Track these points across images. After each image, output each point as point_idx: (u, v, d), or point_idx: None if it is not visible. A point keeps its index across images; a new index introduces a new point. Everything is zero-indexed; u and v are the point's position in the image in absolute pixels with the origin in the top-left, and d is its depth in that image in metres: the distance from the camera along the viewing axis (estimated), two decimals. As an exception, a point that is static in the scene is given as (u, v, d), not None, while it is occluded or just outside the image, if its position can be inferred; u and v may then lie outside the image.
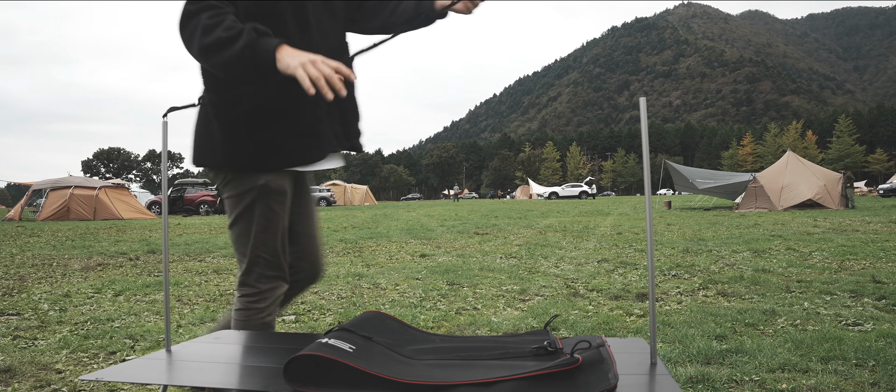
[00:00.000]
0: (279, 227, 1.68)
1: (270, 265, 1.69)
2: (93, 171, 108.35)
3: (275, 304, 1.73)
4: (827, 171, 19.67)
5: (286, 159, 1.62)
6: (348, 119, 1.73)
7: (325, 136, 1.65)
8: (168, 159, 7.05)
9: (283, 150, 1.61)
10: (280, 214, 1.68)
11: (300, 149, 1.62)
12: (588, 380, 0.96)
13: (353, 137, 1.76)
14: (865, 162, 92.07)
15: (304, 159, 1.64)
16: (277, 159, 1.61)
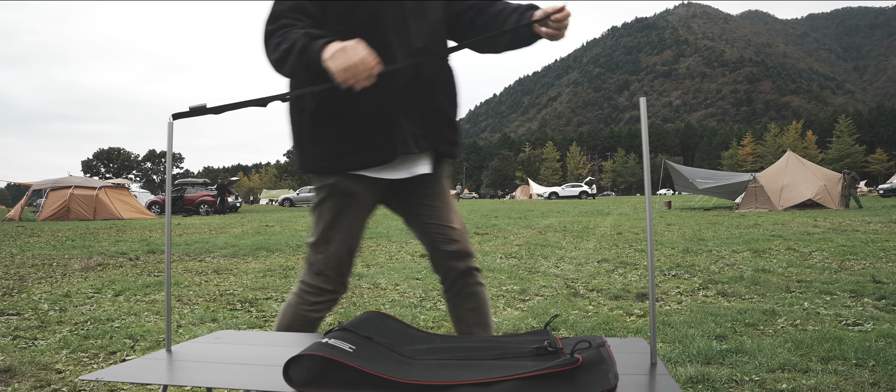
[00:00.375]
0: (344, 231, 1.66)
1: (328, 265, 1.67)
2: (93, 171, 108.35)
3: (325, 303, 1.71)
4: (827, 171, 19.69)
5: (351, 162, 1.59)
6: (430, 120, 1.63)
7: (397, 138, 1.58)
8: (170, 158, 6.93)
9: (347, 152, 1.58)
10: (348, 217, 1.65)
11: (366, 151, 1.57)
12: (588, 380, 0.96)
13: (437, 140, 1.67)
14: (865, 162, 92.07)
15: (370, 161, 1.59)
16: (342, 161, 1.59)
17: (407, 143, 1.59)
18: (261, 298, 4.40)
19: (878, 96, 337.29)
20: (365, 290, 4.73)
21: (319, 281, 1.69)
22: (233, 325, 3.58)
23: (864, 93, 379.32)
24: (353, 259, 1.73)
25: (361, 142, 1.57)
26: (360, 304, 4.14)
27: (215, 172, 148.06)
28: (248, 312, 3.93)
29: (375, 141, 1.57)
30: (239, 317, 3.78)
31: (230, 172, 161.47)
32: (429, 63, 1.60)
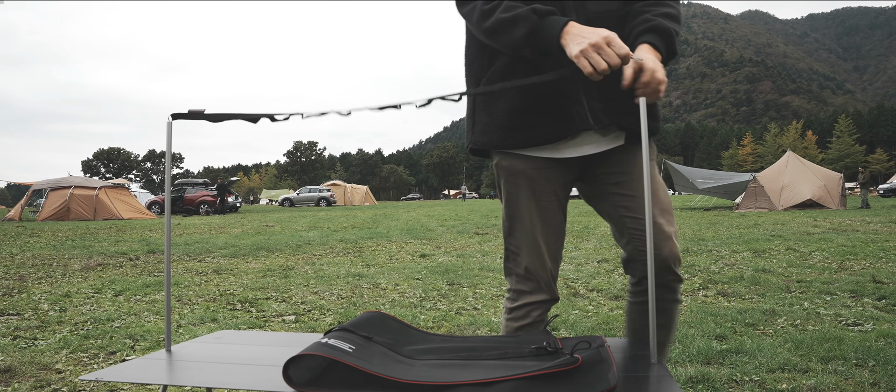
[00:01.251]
0: (523, 218, 1.48)
1: (517, 262, 1.51)
2: (93, 171, 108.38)
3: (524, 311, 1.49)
4: (827, 170, 19.69)
5: (517, 138, 1.43)
6: (613, 92, 1.35)
7: (573, 114, 1.39)
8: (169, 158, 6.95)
9: (512, 126, 1.43)
10: (525, 204, 1.47)
11: (532, 127, 1.41)
12: (588, 380, 0.96)
13: (622, 114, 1.41)
14: (865, 162, 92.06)
15: (537, 139, 1.42)
16: (507, 137, 1.44)
17: (584, 118, 1.39)
18: (261, 298, 4.40)
19: (878, 96, 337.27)
20: (365, 290, 4.72)
21: (513, 282, 1.53)
22: (233, 325, 3.58)
23: (864, 93, 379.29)
24: (549, 254, 1.49)
25: (529, 116, 1.42)
26: (360, 304, 4.14)
27: (215, 172, 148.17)
28: (248, 312, 3.93)
29: (545, 116, 1.41)
30: (239, 317, 3.78)
31: (230, 172, 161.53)
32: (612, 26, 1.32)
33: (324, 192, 38.66)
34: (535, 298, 1.48)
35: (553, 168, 1.47)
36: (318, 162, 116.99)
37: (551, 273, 1.50)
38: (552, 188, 1.48)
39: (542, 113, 1.41)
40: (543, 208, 1.48)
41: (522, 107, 1.42)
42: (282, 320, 3.72)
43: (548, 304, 1.50)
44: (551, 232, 1.49)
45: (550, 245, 1.49)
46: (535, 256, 1.48)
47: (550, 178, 1.47)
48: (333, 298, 4.38)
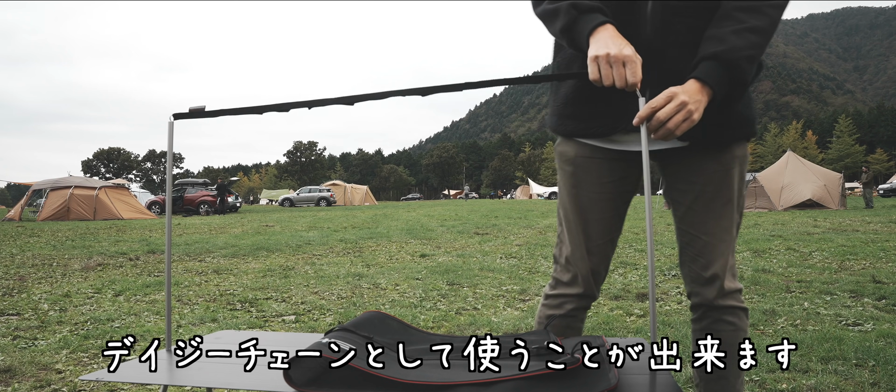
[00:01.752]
0: (569, 209, 1.44)
1: (561, 250, 1.48)
2: (93, 171, 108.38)
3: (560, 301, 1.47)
4: (827, 171, 19.68)
5: (572, 126, 1.41)
6: None
7: (626, 109, 1.30)
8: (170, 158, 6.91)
9: (570, 114, 1.40)
10: (570, 192, 1.44)
11: (585, 117, 1.37)
12: (588, 380, 0.96)
13: None
14: (865, 162, 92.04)
15: (587, 130, 1.38)
16: (564, 124, 1.41)
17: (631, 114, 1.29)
18: (261, 298, 4.40)
19: (878, 96, 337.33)
20: (365, 290, 4.72)
21: (555, 270, 1.49)
22: (233, 325, 3.58)
23: (864, 93, 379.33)
24: (589, 247, 1.43)
25: (582, 106, 1.38)
26: (360, 304, 4.14)
27: (215, 172, 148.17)
28: (248, 312, 3.93)
29: (597, 107, 1.35)
30: (239, 317, 3.78)
31: (230, 172, 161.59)
32: (681, 20, 1.27)
33: (324, 192, 38.65)
34: (571, 291, 1.45)
35: (603, 158, 1.41)
36: (318, 162, 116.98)
37: (591, 268, 1.44)
38: (599, 179, 1.42)
39: (594, 104, 1.37)
40: (588, 198, 1.43)
41: (578, 96, 1.39)
42: (282, 320, 3.72)
43: (583, 298, 1.45)
44: (594, 224, 1.43)
45: (592, 238, 1.43)
46: (575, 247, 1.44)
47: (600, 168, 1.41)
48: (333, 298, 4.38)
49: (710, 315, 1.42)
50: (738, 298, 1.42)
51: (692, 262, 1.41)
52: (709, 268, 1.38)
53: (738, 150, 1.39)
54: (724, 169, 1.37)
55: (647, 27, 1.29)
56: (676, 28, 1.28)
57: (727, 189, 1.38)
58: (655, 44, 1.29)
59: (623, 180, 1.44)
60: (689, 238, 1.41)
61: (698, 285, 1.41)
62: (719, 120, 1.32)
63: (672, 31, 1.28)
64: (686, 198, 1.41)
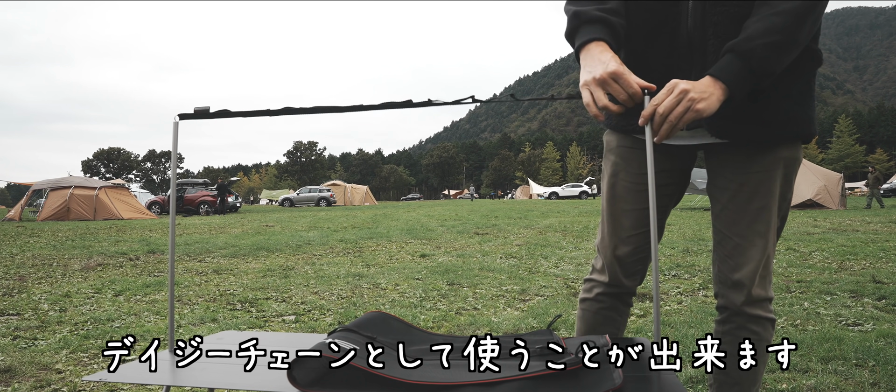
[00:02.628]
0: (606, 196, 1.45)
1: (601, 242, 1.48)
2: (93, 171, 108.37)
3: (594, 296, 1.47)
4: (827, 171, 19.69)
5: (616, 118, 1.39)
6: None
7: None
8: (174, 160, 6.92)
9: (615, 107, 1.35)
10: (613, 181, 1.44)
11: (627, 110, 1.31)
12: (592, 379, 0.96)
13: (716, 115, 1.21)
14: (865, 162, 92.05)
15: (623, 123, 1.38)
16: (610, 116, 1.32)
17: None
18: (261, 298, 4.40)
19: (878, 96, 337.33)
20: (365, 290, 4.72)
21: (594, 260, 1.50)
22: (233, 325, 3.58)
23: (864, 93, 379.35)
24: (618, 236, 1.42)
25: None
26: (361, 305, 4.14)
27: (215, 172, 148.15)
28: (248, 312, 3.93)
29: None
30: (239, 317, 3.78)
31: (230, 172, 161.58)
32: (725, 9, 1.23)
33: (324, 192, 38.66)
34: (600, 278, 1.46)
35: (640, 149, 1.39)
36: (318, 162, 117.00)
37: (617, 257, 1.42)
38: (638, 169, 1.40)
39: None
40: (623, 187, 1.42)
41: None
42: (282, 320, 3.72)
43: (610, 287, 1.44)
44: (627, 214, 1.41)
45: (624, 227, 1.41)
46: (605, 234, 1.44)
47: (639, 158, 1.40)
48: (333, 298, 4.38)
49: (734, 320, 1.37)
50: (767, 308, 1.37)
51: (722, 262, 1.38)
52: (737, 271, 1.34)
53: (785, 152, 1.32)
54: (764, 171, 1.32)
55: (689, 22, 1.25)
56: (715, 19, 1.23)
57: (766, 193, 1.32)
58: (696, 40, 1.25)
59: (662, 173, 1.42)
60: (722, 237, 1.38)
61: (725, 287, 1.37)
62: (764, 117, 1.26)
63: (711, 22, 1.24)
64: (723, 195, 1.37)
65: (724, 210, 1.37)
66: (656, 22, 1.27)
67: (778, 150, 1.31)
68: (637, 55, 1.32)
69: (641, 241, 1.43)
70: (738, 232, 1.34)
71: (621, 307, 1.48)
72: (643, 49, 1.31)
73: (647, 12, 1.29)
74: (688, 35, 1.26)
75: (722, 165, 1.37)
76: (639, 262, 1.45)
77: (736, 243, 1.34)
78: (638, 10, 1.30)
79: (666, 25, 1.27)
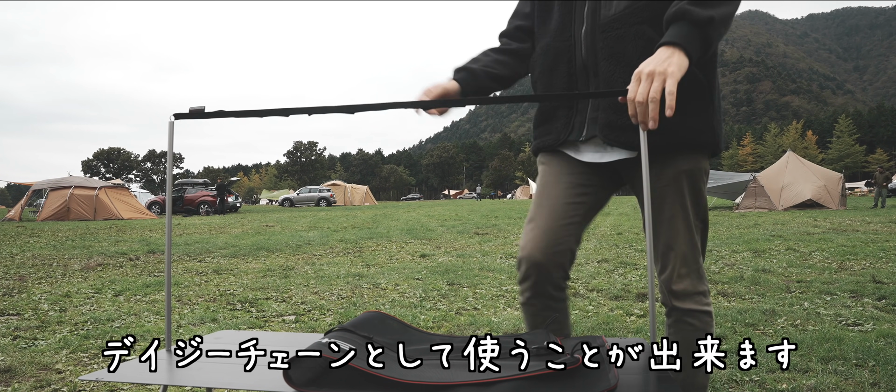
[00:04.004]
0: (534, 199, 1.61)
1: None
2: (93, 171, 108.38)
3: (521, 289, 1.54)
4: (827, 170, 19.68)
5: (535, 145, 1.63)
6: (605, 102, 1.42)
7: (571, 124, 1.49)
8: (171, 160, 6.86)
9: (536, 136, 1.62)
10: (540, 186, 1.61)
11: (542, 135, 1.59)
12: (588, 380, 0.96)
13: (603, 126, 1.42)
14: (865, 162, 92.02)
15: (544, 146, 1.58)
16: (533, 144, 1.64)
17: (578, 129, 1.48)
18: (261, 298, 4.40)
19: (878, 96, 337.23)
20: (365, 290, 4.72)
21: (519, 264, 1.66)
22: (233, 325, 3.58)
23: (864, 93, 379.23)
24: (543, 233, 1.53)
25: (543, 125, 1.59)
26: (360, 304, 4.14)
27: (215, 172, 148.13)
28: (248, 312, 3.93)
29: (551, 125, 1.56)
30: (239, 317, 3.78)
31: (230, 172, 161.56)
32: (610, 34, 1.40)
33: (324, 192, 38.65)
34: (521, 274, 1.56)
35: (563, 159, 1.56)
36: (318, 162, 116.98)
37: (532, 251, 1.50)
38: (559, 169, 1.56)
39: (549, 122, 1.56)
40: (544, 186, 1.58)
41: (539, 117, 1.61)
42: (282, 320, 3.72)
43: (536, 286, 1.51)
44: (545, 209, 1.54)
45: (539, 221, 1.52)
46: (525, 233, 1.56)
47: (560, 163, 1.56)
48: (333, 298, 4.38)
49: (673, 314, 1.48)
50: (700, 301, 1.46)
51: (655, 263, 1.49)
52: (663, 272, 1.46)
53: (686, 165, 1.42)
54: (671, 183, 1.42)
55: (582, 51, 1.45)
56: (602, 45, 1.41)
57: (673, 202, 1.43)
58: (590, 64, 1.45)
59: (583, 186, 1.54)
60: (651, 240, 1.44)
61: (661, 286, 1.49)
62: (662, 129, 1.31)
63: (600, 48, 1.42)
64: (642, 205, 1.46)
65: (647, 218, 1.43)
66: (554, 56, 1.50)
67: (678, 162, 1.42)
68: (545, 86, 1.53)
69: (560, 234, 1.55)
70: (657, 238, 1.46)
71: (553, 305, 1.55)
72: (549, 80, 1.52)
73: (546, 52, 1.53)
74: (583, 62, 1.45)
75: (635, 180, 1.50)
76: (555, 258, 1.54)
77: (658, 249, 1.46)
78: (540, 52, 1.55)
79: (562, 58, 1.48)
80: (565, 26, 1.49)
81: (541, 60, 1.56)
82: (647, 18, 1.37)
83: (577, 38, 1.47)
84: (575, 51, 1.47)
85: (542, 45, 1.55)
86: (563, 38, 1.49)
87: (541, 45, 1.56)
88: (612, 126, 1.41)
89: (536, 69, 1.58)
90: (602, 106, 1.43)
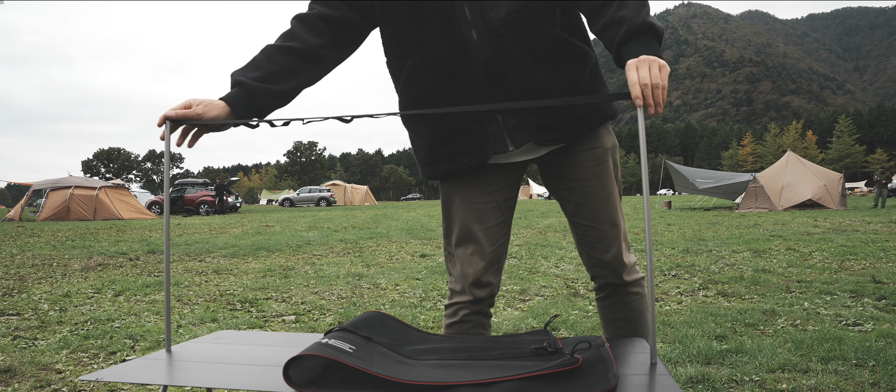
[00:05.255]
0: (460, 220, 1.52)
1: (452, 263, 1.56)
2: (93, 171, 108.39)
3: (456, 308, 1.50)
4: (827, 170, 19.68)
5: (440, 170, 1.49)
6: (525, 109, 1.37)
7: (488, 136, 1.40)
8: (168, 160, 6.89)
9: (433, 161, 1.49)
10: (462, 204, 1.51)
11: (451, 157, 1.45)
12: (588, 380, 0.96)
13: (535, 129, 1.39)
14: (865, 162, 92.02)
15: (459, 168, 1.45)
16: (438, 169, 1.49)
17: (500, 139, 1.40)
18: (261, 298, 4.40)
19: (878, 96, 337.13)
20: (365, 290, 4.72)
21: (450, 282, 1.58)
22: (233, 325, 3.58)
23: (864, 93, 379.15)
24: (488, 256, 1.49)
25: (452, 145, 1.42)
26: (360, 304, 4.14)
27: (215, 172, 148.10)
28: (248, 312, 3.93)
29: (466, 142, 1.40)
30: (239, 317, 3.78)
31: (230, 172, 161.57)
32: (510, 36, 1.32)
33: (324, 192, 38.66)
34: (463, 299, 1.50)
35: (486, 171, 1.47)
36: (318, 162, 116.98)
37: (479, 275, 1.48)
38: (483, 188, 1.48)
39: (461, 140, 1.41)
40: (475, 208, 1.48)
41: (441, 139, 1.43)
42: (282, 320, 3.72)
43: (475, 304, 1.48)
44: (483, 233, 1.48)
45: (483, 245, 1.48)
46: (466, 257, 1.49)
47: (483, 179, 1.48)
48: (333, 298, 4.38)
49: (618, 291, 1.53)
50: (636, 270, 1.55)
51: (591, 249, 1.51)
52: (607, 252, 1.49)
53: (607, 142, 1.49)
54: (599, 163, 1.47)
55: (481, 58, 1.32)
56: (504, 49, 1.32)
57: (606, 181, 1.48)
58: (493, 71, 1.33)
59: (508, 188, 1.52)
60: (584, 229, 1.50)
61: (601, 268, 1.52)
62: (579, 116, 1.41)
63: (502, 52, 1.32)
64: (573, 195, 1.49)
65: (580, 206, 1.49)
66: (445, 68, 1.34)
67: (602, 139, 1.48)
68: (439, 101, 1.38)
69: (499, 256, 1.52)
70: (596, 220, 1.48)
71: (485, 321, 1.54)
72: (441, 95, 1.37)
73: (432, 64, 1.35)
74: (484, 69, 1.33)
75: (562, 170, 1.49)
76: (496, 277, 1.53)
77: (600, 230, 1.48)
78: (420, 65, 1.36)
79: (456, 68, 1.33)
80: (449, 31, 1.32)
81: (425, 74, 1.36)
82: (545, 17, 1.33)
83: (468, 44, 1.33)
84: (470, 58, 1.33)
85: (424, 57, 1.35)
86: (450, 46, 1.33)
87: (420, 57, 1.36)
88: (544, 127, 1.39)
89: (420, 84, 1.38)
90: (518, 112, 1.38)
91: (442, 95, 1.37)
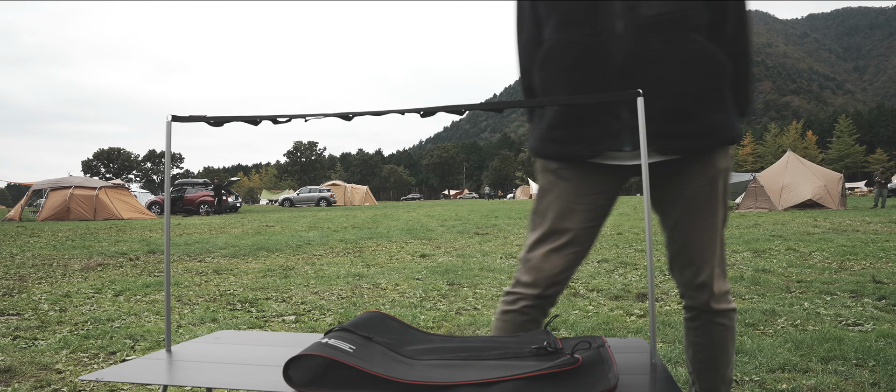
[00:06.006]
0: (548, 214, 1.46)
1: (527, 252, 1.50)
2: (93, 171, 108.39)
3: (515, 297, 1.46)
4: (827, 170, 19.68)
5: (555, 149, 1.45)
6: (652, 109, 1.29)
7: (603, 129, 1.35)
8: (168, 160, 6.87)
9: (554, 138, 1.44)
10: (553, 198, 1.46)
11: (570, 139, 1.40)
12: (588, 380, 0.96)
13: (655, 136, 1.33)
14: (865, 162, 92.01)
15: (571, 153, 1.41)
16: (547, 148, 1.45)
17: (617, 137, 1.34)
18: (261, 298, 4.40)
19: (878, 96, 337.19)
20: (365, 290, 4.72)
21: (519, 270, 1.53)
22: (233, 325, 3.58)
23: (864, 93, 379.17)
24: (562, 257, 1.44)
25: (571, 128, 1.38)
26: (360, 304, 4.14)
27: (215, 172, 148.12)
28: (248, 312, 3.93)
29: (582, 130, 1.37)
30: (239, 317, 3.78)
31: (230, 172, 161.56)
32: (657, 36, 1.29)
33: (324, 192, 38.66)
34: (529, 291, 1.46)
35: (586, 171, 1.42)
36: (318, 162, 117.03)
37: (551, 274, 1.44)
38: (578, 189, 1.43)
39: (579, 127, 1.38)
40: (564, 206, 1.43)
41: (563, 120, 1.39)
42: (282, 320, 3.72)
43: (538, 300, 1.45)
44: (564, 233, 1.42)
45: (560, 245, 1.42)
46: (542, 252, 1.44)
47: (580, 179, 1.42)
48: (333, 298, 4.38)
49: (703, 316, 1.47)
50: (728, 300, 1.48)
51: (684, 268, 1.46)
52: (700, 275, 1.43)
53: (722, 163, 1.43)
54: (709, 183, 1.41)
55: (621, 49, 1.30)
56: (648, 46, 1.29)
57: (714, 202, 1.43)
58: (629, 66, 1.30)
59: (603, 194, 1.45)
60: (680, 247, 1.45)
61: (691, 290, 1.46)
62: (698, 131, 1.36)
63: (646, 48, 1.29)
64: (675, 210, 1.45)
65: (679, 223, 1.44)
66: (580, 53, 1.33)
67: (716, 161, 1.42)
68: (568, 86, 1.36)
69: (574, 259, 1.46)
70: (696, 240, 1.42)
71: (541, 317, 1.50)
72: (572, 79, 1.36)
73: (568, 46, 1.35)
74: (621, 62, 1.30)
75: (670, 183, 1.44)
76: (566, 279, 1.47)
77: (695, 250, 1.42)
78: (556, 45, 1.36)
79: (593, 56, 1.32)
80: (594, 18, 1.31)
81: (559, 54, 1.37)
82: (696, 26, 1.31)
83: (611, 34, 1.30)
84: (608, 49, 1.31)
85: (561, 38, 1.35)
86: (592, 33, 1.31)
87: (558, 37, 1.36)
88: (667, 135, 1.34)
89: (552, 64, 1.38)
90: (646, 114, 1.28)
91: (571, 80, 1.36)
